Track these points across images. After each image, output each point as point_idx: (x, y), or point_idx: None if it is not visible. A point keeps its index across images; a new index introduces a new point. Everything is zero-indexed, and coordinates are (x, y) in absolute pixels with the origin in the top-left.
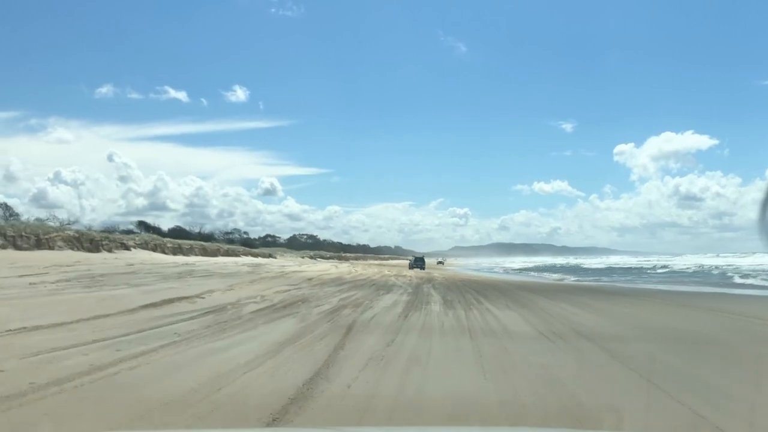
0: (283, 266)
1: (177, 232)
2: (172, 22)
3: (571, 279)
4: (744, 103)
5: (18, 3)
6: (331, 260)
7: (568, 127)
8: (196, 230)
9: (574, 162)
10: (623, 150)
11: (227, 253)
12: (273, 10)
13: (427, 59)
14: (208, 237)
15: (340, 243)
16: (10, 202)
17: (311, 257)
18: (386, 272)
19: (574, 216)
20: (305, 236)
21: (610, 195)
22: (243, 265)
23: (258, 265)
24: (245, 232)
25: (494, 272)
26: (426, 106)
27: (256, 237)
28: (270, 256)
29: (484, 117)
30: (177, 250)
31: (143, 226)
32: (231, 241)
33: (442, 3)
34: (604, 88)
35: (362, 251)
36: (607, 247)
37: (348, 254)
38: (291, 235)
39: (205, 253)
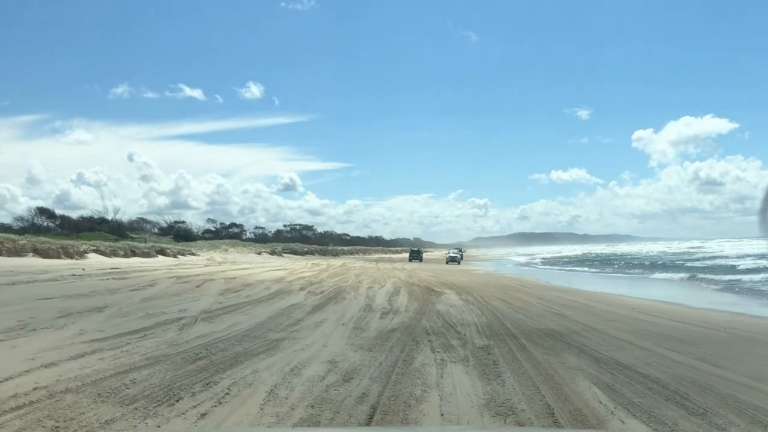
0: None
1: (87, 222)
2: (181, 19)
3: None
4: (764, 85)
5: (33, 8)
6: (308, 255)
7: (583, 114)
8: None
9: (591, 149)
10: (641, 136)
11: None
12: (283, 4)
13: (439, 49)
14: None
15: (347, 235)
16: (35, 204)
17: (277, 252)
18: (323, 287)
19: (594, 204)
20: (299, 226)
21: (629, 182)
22: None
23: None
24: (224, 223)
25: (577, 271)
26: (440, 97)
27: (221, 228)
28: (180, 254)
29: (499, 106)
30: None
31: (46, 214)
32: (163, 233)
33: None
34: (619, 74)
35: (375, 244)
36: (629, 234)
37: (344, 248)
38: (281, 226)
39: None
